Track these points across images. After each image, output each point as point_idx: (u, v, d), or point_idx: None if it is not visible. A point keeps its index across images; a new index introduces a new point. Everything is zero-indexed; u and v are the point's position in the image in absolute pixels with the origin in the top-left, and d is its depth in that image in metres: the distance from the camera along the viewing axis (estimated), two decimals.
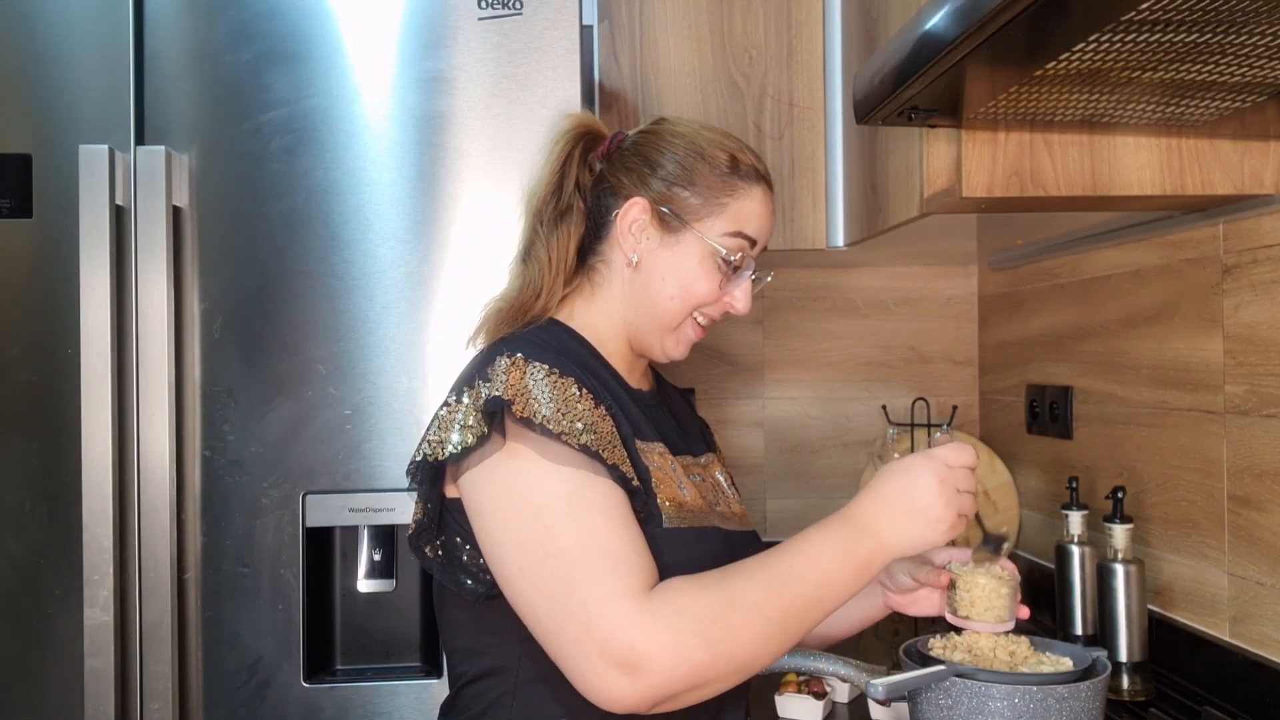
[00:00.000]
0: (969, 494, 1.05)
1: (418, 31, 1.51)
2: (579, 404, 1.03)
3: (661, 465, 1.11)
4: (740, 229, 1.16)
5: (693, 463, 1.21)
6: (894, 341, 2.30)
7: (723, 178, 1.16)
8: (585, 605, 0.94)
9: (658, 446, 1.13)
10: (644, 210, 1.15)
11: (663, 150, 1.17)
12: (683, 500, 1.10)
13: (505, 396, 1.01)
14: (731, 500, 1.24)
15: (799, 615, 0.99)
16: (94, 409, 1.42)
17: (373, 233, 1.50)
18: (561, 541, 0.97)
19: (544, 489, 0.99)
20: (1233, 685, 1.41)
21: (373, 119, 1.51)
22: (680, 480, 1.13)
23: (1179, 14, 0.85)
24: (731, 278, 1.18)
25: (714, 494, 1.21)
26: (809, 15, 1.85)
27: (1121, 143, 1.31)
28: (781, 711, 1.43)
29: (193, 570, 1.49)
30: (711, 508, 1.16)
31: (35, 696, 1.45)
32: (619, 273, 1.18)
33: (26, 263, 1.46)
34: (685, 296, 1.16)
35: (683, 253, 1.16)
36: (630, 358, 1.21)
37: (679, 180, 1.15)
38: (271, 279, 1.50)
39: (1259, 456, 1.37)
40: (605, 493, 1.00)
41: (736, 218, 1.16)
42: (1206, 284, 1.47)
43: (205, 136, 1.49)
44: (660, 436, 1.15)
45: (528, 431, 1.00)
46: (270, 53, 1.49)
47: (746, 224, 1.17)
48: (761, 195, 1.19)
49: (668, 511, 1.07)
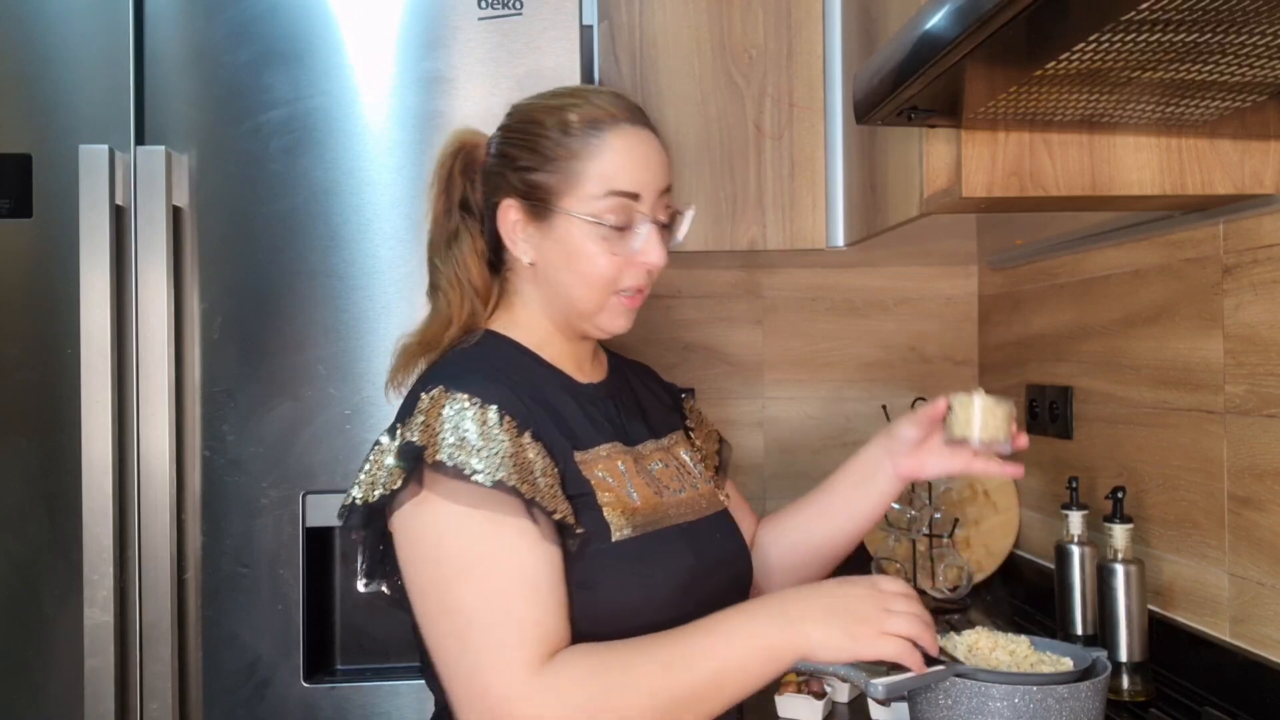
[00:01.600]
0: (906, 618, 1.00)
1: (418, 31, 1.51)
2: (499, 435, 1.00)
3: (609, 471, 1.09)
4: (610, 187, 1.08)
5: (654, 448, 1.19)
6: (894, 341, 2.30)
7: (565, 142, 1.08)
8: (476, 669, 0.95)
9: (604, 450, 1.10)
10: (515, 210, 1.11)
11: (510, 140, 1.12)
12: (634, 506, 1.08)
13: (420, 442, 1.00)
14: (697, 479, 1.22)
15: (695, 702, 0.97)
16: (94, 409, 1.42)
17: (373, 233, 1.50)
18: (461, 598, 0.97)
19: (450, 539, 0.99)
20: (1233, 685, 1.41)
21: (373, 119, 1.50)
22: (629, 482, 1.10)
23: (1179, 14, 0.85)
24: (627, 238, 1.09)
25: (678, 478, 1.18)
26: (809, 15, 1.85)
27: (1121, 143, 1.31)
28: (781, 711, 1.43)
29: (192, 570, 1.49)
30: (666, 502, 1.13)
31: (35, 696, 1.45)
32: (525, 275, 1.15)
33: (26, 263, 1.46)
34: (587, 280, 1.10)
35: (563, 237, 1.10)
36: (576, 352, 1.18)
37: (529, 165, 1.10)
38: (271, 279, 1.50)
39: (1259, 456, 1.37)
40: (514, 539, 0.98)
41: (601, 177, 1.07)
42: (1206, 284, 1.47)
43: (205, 136, 1.49)
44: (612, 434, 1.13)
45: (440, 477, 0.98)
46: (270, 53, 1.49)
47: (615, 179, 1.08)
48: (621, 142, 1.09)
49: (617, 523, 1.05)
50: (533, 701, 0.93)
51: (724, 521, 1.21)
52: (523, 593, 0.97)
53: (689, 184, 1.83)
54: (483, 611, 0.96)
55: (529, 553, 0.98)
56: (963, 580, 2.04)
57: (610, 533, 1.04)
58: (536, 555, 0.98)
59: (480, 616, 0.96)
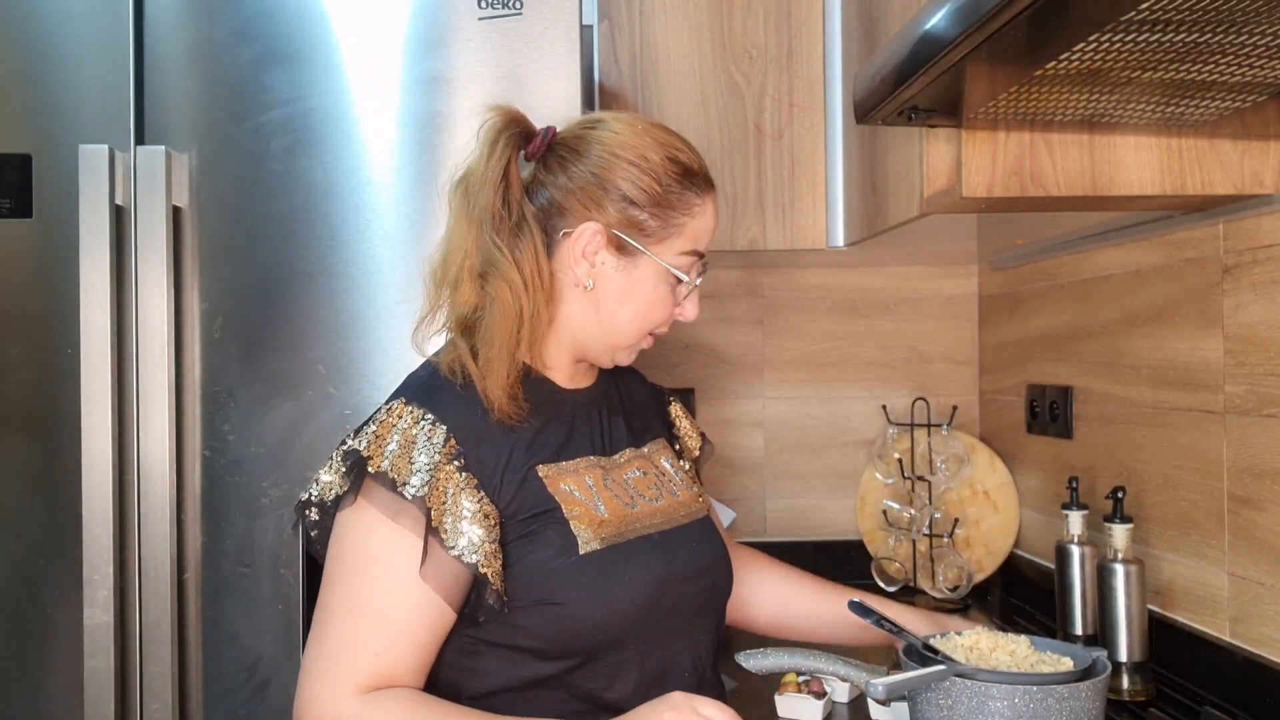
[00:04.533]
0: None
1: (418, 31, 1.51)
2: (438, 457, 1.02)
3: (577, 485, 1.09)
4: (695, 246, 1.13)
5: (633, 456, 1.19)
6: (894, 341, 2.30)
7: (679, 194, 1.11)
8: (314, 671, 1.00)
9: (579, 463, 1.11)
10: (599, 234, 1.10)
11: (613, 166, 1.10)
12: (601, 519, 1.08)
13: (365, 452, 1.04)
14: (677, 486, 1.21)
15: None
16: (94, 409, 1.42)
17: (373, 233, 1.50)
18: (332, 598, 1.02)
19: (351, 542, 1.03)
20: (1233, 685, 1.41)
21: (373, 119, 1.50)
22: (597, 496, 1.10)
23: (1179, 14, 0.85)
24: (681, 290, 1.15)
25: (656, 485, 1.18)
26: (809, 15, 1.85)
27: (1121, 143, 1.31)
28: (781, 711, 1.43)
29: (193, 570, 1.49)
30: (638, 512, 1.13)
31: (35, 696, 1.45)
32: (567, 292, 1.12)
33: (26, 263, 1.46)
34: (643, 320, 1.14)
35: (639, 277, 1.12)
36: (570, 364, 1.17)
37: (635, 202, 1.10)
38: (271, 279, 1.49)
39: (1259, 456, 1.37)
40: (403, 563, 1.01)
41: (694, 236, 1.13)
42: (1206, 284, 1.47)
43: (205, 136, 1.49)
44: (589, 445, 1.14)
45: (376, 485, 1.02)
46: (270, 53, 1.49)
47: (700, 239, 1.14)
48: (713, 207, 1.15)
49: (584, 536, 1.06)
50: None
51: (700, 529, 1.20)
52: (378, 621, 1.01)
53: None
54: (341, 621, 1.01)
55: (404, 583, 1.01)
56: (963, 580, 2.04)
57: (578, 546, 1.05)
58: (408, 590, 1.01)
59: (336, 624, 1.01)
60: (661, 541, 1.13)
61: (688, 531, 1.17)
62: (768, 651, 1.16)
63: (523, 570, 1.04)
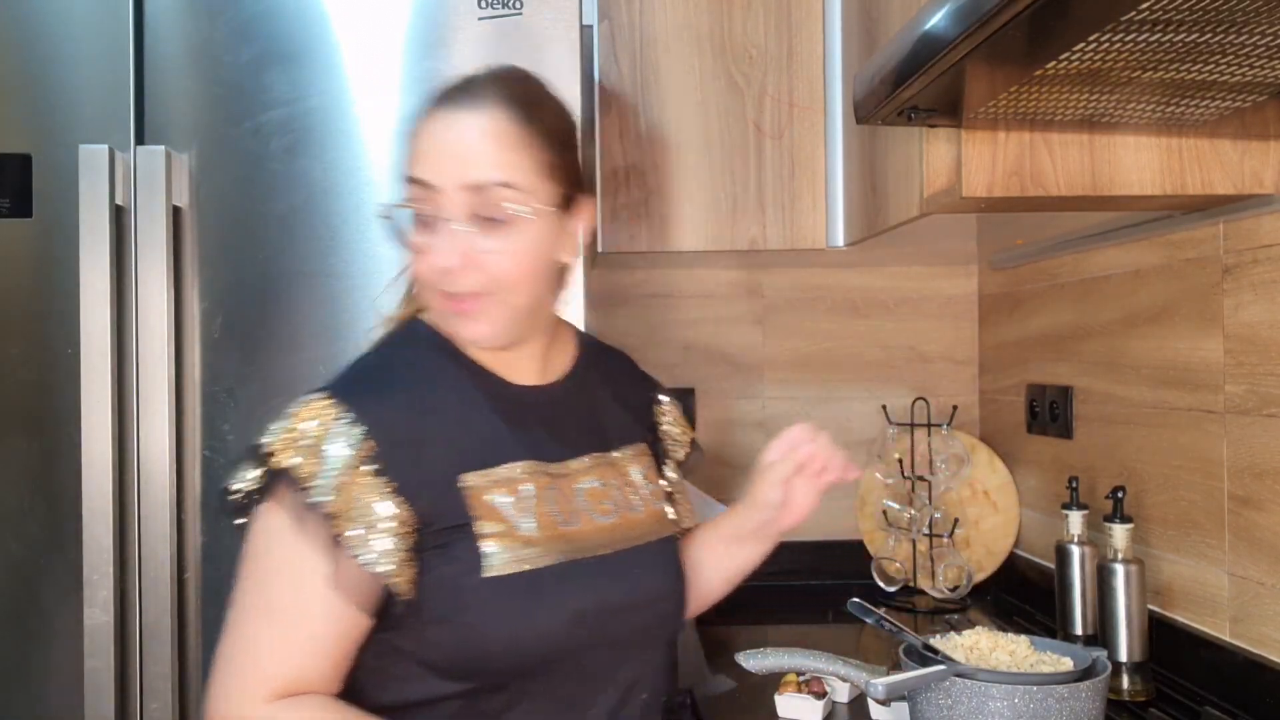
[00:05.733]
0: None
1: (418, 31, 1.51)
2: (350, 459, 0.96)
3: (508, 492, 1.01)
4: (410, 172, 1.03)
5: (594, 463, 1.10)
6: (894, 341, 2.30)
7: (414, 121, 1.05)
8: (219, 669, 0.98)
9: (516, 469, 1.03)
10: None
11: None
12: (527, 538, 1.00)
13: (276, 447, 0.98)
14: (643, 500, 1.13)
15: None
16: (94, 409, 1.42)
17: (373, 233, 1.50)
18: (243, 596, 0.99)
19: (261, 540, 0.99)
20: (1233, 685, 1.41)
21: (373, 119, 1.50)
22: (529, 510, 1.02)
23: (1179, 14, 0.85)
24: (427, 231, 1.03)
25: (614, 499, 1.09)
26: (809, 15, 1.85)
27: (1121, 143, 1.31)
28: (781, 711, 1.43)
29: (193, 570, 1.48)
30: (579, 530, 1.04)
31: (35, 696, 1.45)
32: None
33: (26, 263, 1.46)
34: (410, 272, 1.10)
35: None
36: (512, 352, 1.09)
37: None
38: (271, 279, 1.49)
39: (1259, 456, 1.37)
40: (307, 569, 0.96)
41: (410, 159, 1.04)
42: (1206, 284, 1.47)
43: (205, 136, 1.49)
44: (533, 451, 1.05)
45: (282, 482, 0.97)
46: (270, 53, 1.49)
47: (416, 164, 1.03)
48: (425, 127, 1.03)
49: (498, 557, 0.99)
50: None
51: (652, 554, 1.11)
52: (287, 626, 0.97)
53: (689, 184, 1.84)
54: (254, 623, 0.98)
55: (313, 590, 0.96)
56: (963, 580, 2.04)
57: (480, 567, 0.98)
58: (317, 596, 0.96)
59: (247, 627, 0.98)
60: (597, 567, 1.04)
61: (635, 556, 1.08)
62: (768, 651, 1.16)
63: (434, 582, 0.98)
